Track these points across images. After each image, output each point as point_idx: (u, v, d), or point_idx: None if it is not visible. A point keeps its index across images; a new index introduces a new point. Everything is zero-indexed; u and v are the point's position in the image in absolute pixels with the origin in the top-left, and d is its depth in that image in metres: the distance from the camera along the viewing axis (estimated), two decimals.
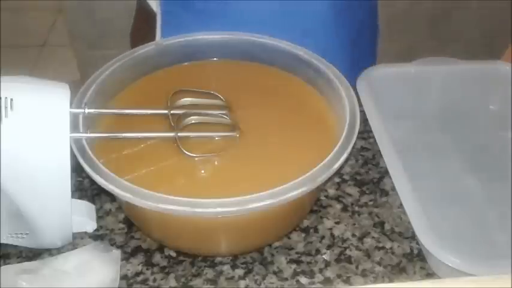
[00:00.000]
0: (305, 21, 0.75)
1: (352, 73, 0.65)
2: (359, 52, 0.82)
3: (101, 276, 0.52)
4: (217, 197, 0.47)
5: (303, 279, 0.54)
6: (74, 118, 0.52)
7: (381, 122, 0.62)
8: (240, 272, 0.55)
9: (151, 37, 0.77)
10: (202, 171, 0.55)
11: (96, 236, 0.57)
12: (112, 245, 0.57)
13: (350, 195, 0.62)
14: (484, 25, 1.62)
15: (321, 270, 0.55)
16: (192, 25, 0.73)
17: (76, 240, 0.57)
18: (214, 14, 0.74)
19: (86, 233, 0.57)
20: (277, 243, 0.57)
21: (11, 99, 0.48)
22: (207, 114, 0.57)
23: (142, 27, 0.82)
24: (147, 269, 0.55)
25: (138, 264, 0.55)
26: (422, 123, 0.71)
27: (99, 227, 0.58)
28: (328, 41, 0.76)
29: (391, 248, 0.57)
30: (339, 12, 0.76)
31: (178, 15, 0.76)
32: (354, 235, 0.58)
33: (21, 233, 0.54)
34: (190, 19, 0.75)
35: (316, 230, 0.58)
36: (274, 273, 0.54)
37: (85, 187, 0.62)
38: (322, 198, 0.61)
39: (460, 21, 1.63)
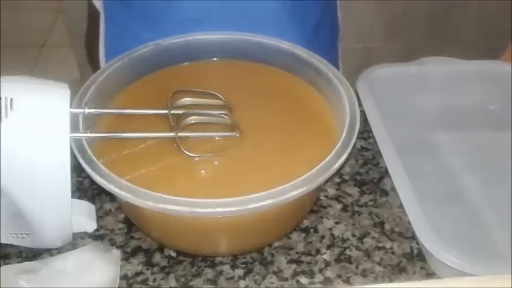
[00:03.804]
0: (252, 19, 0.71)
1: None
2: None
3: (100, 276, 0.52)
4: (217, 197, 0.47)
5: (303, 279, 0.54)
6: (74, 118, 0.52)
7: (381, 122, 0.62)
8: (240, 272, 0.55)
9: (97, 37, 0.76)
10: (202, 171, 0.55)
11: (96, 236, 0.57)
12: (112, 245, 0.57)
13: (350, 195, 0.62)
14: (484, 25, 1.62)
15: (321, 270, 0.55)
16: (135, 24, 0.72)
17: (76, 240, 0.57)
18: (157, 12, 0.72)
19: (86, 233, 0.57)
20: (277, 243, 0.57)
21: (11, 99, 0.48)
22: (207, 114, 0.57)
23: (92, 29, 0.80)
24: (147, 269, 0.55)
25: (138, 264, 0.55)
26: (422, 123, 0.71)
27: (99, 227, 0.58)
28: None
29: (391, 248, 0.57)
30: (285, 11, 0.73)
31: (120, 15, 0.75)
32: (354, 235, 0.58)
33: (21, 233, 0.54)
34: (132, 18, 0.74)
35: (316, 230, 0.58)
36: (274, 273, 0.54)
37: (85, 187, 0.62)
38: (322, 198, 0.61)
39: (460, 21, 1.63)
